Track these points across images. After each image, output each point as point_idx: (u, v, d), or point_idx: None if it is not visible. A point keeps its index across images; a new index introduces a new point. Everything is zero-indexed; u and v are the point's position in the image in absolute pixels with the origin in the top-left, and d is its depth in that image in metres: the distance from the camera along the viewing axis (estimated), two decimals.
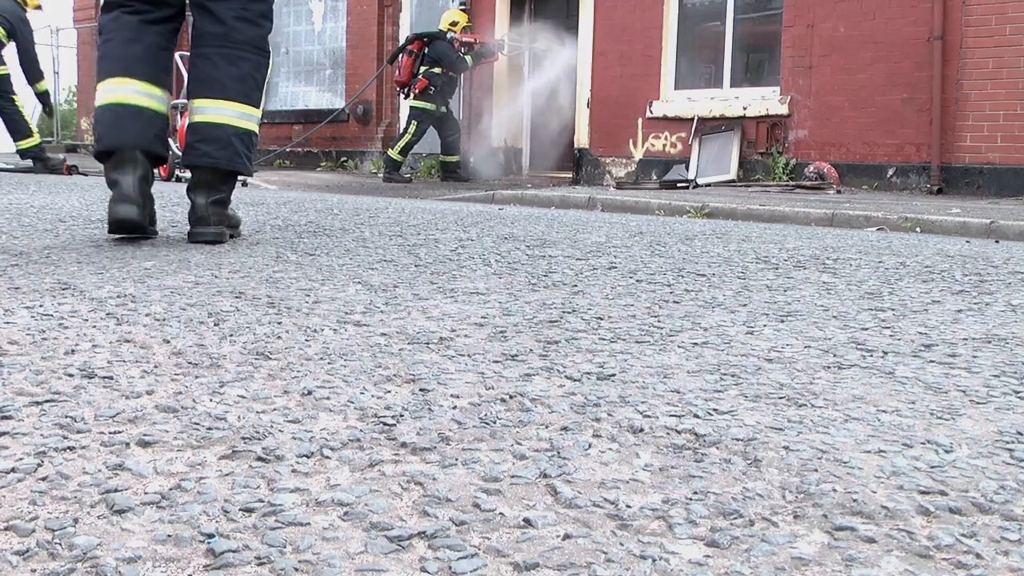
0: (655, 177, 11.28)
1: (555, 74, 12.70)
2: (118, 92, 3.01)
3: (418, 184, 11.74)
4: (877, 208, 7.64)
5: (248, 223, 3.83)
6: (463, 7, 12.96)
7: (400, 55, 12.18)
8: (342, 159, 14.58)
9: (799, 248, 3.30)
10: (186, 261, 2.64)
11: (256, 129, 3.17)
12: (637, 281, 2.44)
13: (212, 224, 3.09)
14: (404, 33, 13.87)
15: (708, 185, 10.46)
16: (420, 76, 11.91)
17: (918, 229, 6.86)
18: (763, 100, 10.61)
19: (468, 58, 11.91)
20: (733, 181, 10.53)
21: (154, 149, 3.05)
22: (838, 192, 9.49)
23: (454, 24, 12.12)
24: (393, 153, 12.05)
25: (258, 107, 3.13)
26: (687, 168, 10.97)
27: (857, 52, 9.90)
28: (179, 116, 9.67)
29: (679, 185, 10.29)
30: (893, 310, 2.10)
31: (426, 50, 11.95)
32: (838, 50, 10.04)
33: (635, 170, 11.56)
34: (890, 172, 9.82)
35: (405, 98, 12.43)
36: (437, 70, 11.89)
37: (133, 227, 2.97)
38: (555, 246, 3.19)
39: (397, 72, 12.30)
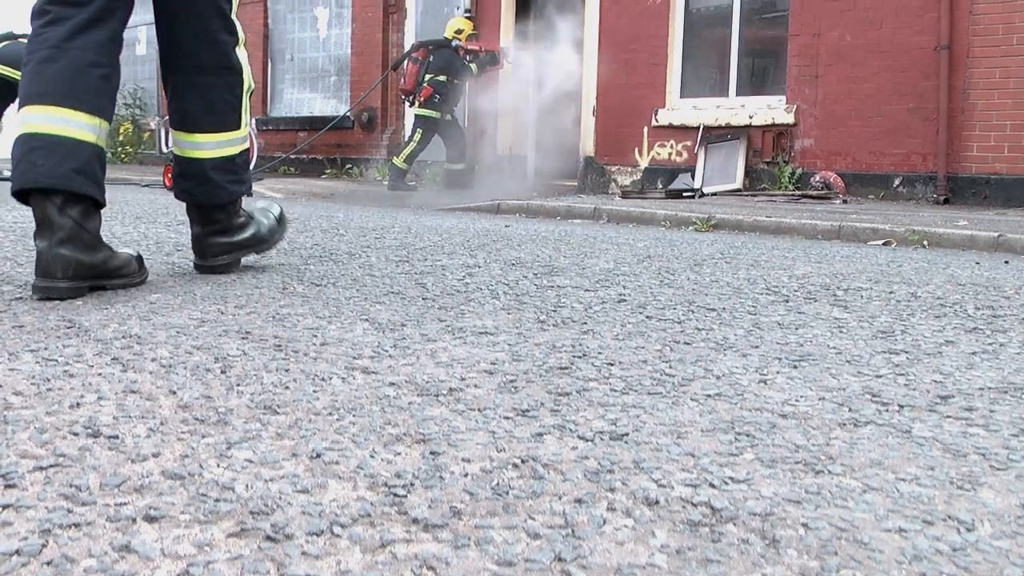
0: (660, 186, 11.26)
1: (560, 82, 12.68)
2: (29, 122, 2.52)
3: (423, 192, 11.73)
4: (884, 220, 7.61)
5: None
6: (468, 15, 12.95)
7: (405, 63, 12.16)
8: (347, 166, 14.58)
9: (809, 276, 3.27)
10: (191, 294, 2.62)
11: (239, 149, 2.96)
12: (647, 317, 2.41)
13: (210, 256, 2.98)
14: (409, 40, 13.87)
15: (714, 194, 10.44)
16: (425, 84, 11.90)
17: (925, 243, 6.83)
18: (769, 109, 10.58)
19: (473, 66, 11.89)
20: (739, 190, 10.50)
21: (74, 187, 2.47)
22: (844, 202, 9.46)
23: (459, 32, 12.11)
24: (398, 162, 12.03)
25: (239, 126, 2.93)
26: (693, 177, 10.94)
27: (864, 61, 9.88)
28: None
29: (685, 194, 10.26)
30: (907, 352, 2.07)
31: (431, 58, 11.94)
32: (844, 59, 10.02)
33: (640, 178, 11.55)
34: (896, 182, 9.80)
35: (410, 106, 12.41)
36: (442, 78, 11.87)
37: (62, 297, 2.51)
38: (563, 274, 3.17)
39: (402, 80, 12.28)
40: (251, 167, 9.71)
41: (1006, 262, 4.34)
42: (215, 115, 2.85)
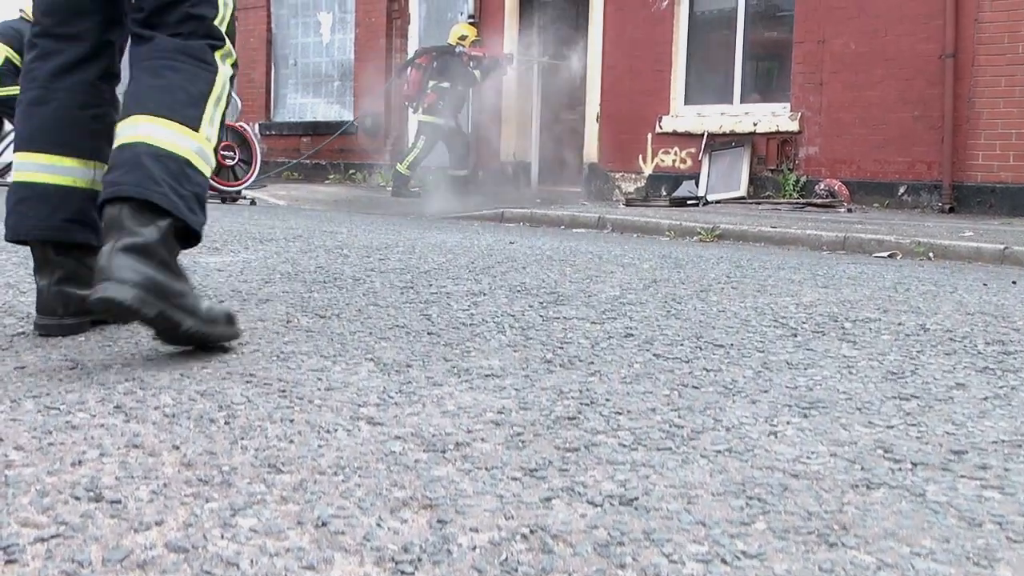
0: (664, 193, 11.24)
1: (564, 88, 12.66)
2: (20, 170, 2.43)
3: (426, 199, 11.70)
4: (889, 230, 7.59)
5: (258, 267, 3.79)
6: (472, 20, 12.93)
7: (408, 69, 12.15)
8: (350, 171, 14.56)
9: (816, 304, 3.25)
10: None
11: (198, 159, 2.23)
12: (654, 356, 2.39)
13: (116, 278, 2.05)
14: (412, 46, 13.85)
15: (718, 202, 10.41)
16: (429, 91, 11.89)
17: (931, 254, 6.81)
18: (773, 116, 10.56)
19: (477, 72, 11.88)
20: (743, 198, 10.48)
21: (66, 238, 2.39)
22: (849, 211, 9.43)
23: (463, 38, 12.09)
24: (401, 168, 12.02)
25: (198, 128, 2.23)
26: (697, 184, 10.92)
27: (868, 69, 9.85)
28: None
29: (689, 203, 10.24)
30: (918, 398, 2.05)
31: (434, 64, 11.92)
32: (849, 67, 9.99)
33: (644, 185, 11.52)
34: (902, 190, 9.77)
35: (414, 112, 12.40)
36: (446, 84, 11.86)
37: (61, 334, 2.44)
38: (569, 303, 3.15)
39: (406, 86, 12.27)
40: (254, 176, 9.72)
41: (1014, 282, 4.31)
42: (169, 97, 2.22)
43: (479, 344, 2.49)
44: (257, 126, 15.87)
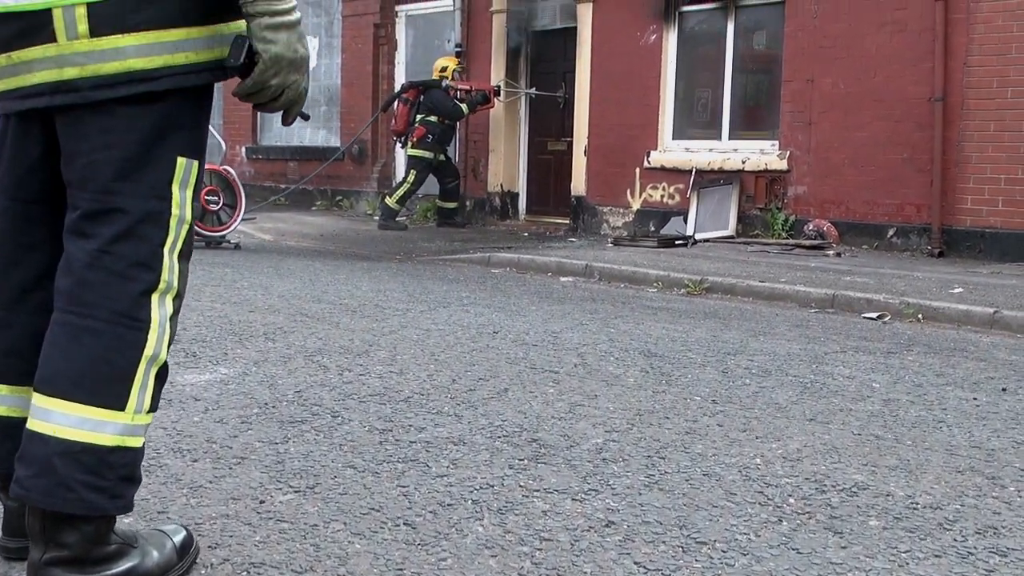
0: (653, 228, 11.20)
1: (552, 120, 12.61)
2: None
3: (413, 233, 11.64)
4: (878, 285, 7.54)
5: (235, 393, 3.71)
6: (458, 49, 12.86)
7: (395, 103, 12.09)
8: (337, 198, 14.49)
9: (802, 458, 3.19)
10: None
11: (126, 439, 1.95)
12: (635, 564, 2.33)
13: None
14: (400, 72, 13.78)
15: (707, 241, 10.37)
16: (417, 124, 11.84)
17: (920, 316, 6.77)
18: (762, 154, 10.51)
19: (464, 106, 11.82)
20: (732, 237, 10.44)
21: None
22: (838, 255, 9.39)
23: (444, 70, 12.03)
24: (391, 202, 11.97)
25: (124, 407, 1.94)
26: (685, 221, 10.87)
27: (858, 109, 9.80)
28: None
29: (677, 243, 10.19)
30: None
31: (421, 98, 11.86)
32: (838, 106, 9.95)
33: (633, 220, 11.47)
34: (891, 232, 9.74)
35: (402, 147, 12.36)
36: (433, 118, 11.82)
37: None
38: (550, 459, 3.08)
39: (393, 120, 12.22)
40: (238, 220, 9.63)
41: (1003, 389, 4.26)
42: (88, 375, 1.94)
43: (455, 542, 2.42)
44: (244, 149, 15.76)
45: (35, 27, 1.93)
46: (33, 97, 1.98)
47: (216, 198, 9.33)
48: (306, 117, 2.25)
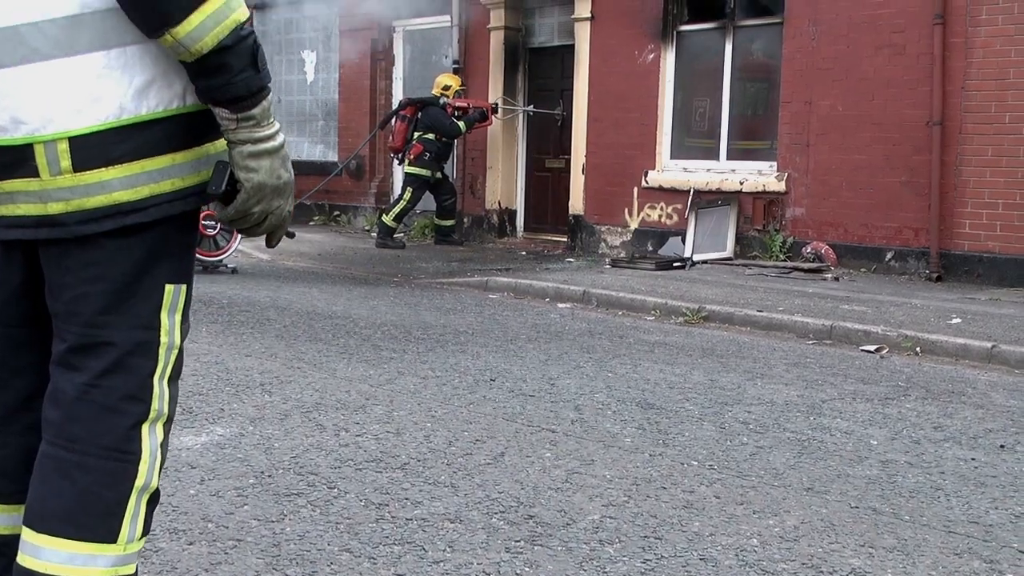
0: (651, 248, 11.20)
1: (550, 138, 12.60)
2: None
3: (411, 252, 11.63)
4: (876, 315, 7.53)
5: (230, 459, 3.69)
6: (456, 66, 12.85)
7: (393, 120, 12.09)
8: (335, 213, 14.49)
9: (799, 536, 3.19)
10: None
11: (113, 573, 1.92)
12: None
13: None
14: (397, 88, 13.78)
15: (705, 263, 10.37)
16: (415, 142, 11.84)
17: (918, 350, 6.76)
18: (760, 175, 10.51)
19: (461, 123, 11.82)
20: (730, 259, 10.43)
21: None
22: (836, 279, 9.38)
23: (447, 88, 12.03)
24: (387, 219, 11.96)
25: (115, 540, 1.92)
26: (683, 241, 10.86)
27: (856, 132, 9.80)
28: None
29: (675, 265, 10.19)
30: None
31: (419, 115, 11.86)
32: (836, 129, 9.95)
33: (630, 240, 11.47)
34: (889, 255, 9.74)
35: (400, 164, 12.35)
36: (431, 136, 11.81)
37: None
38: (546, 540, 3.07)
39: (391, 138, 12.22)
40: (235, 245, 9.61)
41: (1002, 446, 4.25)
42: (78, 514, 1.90)
43: None
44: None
45: (17, 161, 1.86)
46: (17, 228, 1.92)
47: (213, 223, 9.30)
48: (291, 235, 2.21)
